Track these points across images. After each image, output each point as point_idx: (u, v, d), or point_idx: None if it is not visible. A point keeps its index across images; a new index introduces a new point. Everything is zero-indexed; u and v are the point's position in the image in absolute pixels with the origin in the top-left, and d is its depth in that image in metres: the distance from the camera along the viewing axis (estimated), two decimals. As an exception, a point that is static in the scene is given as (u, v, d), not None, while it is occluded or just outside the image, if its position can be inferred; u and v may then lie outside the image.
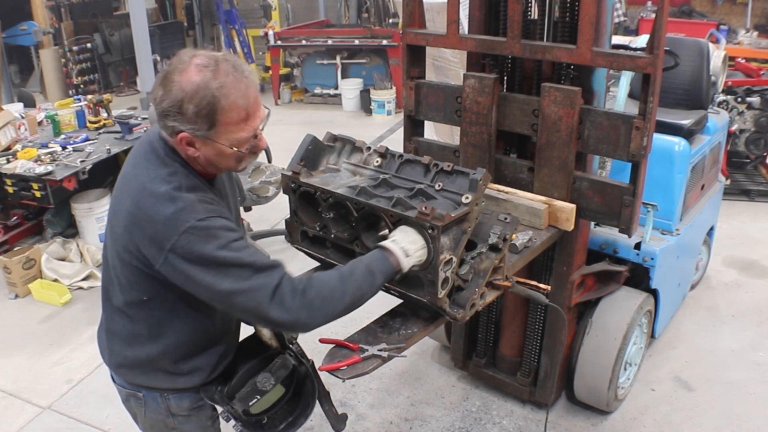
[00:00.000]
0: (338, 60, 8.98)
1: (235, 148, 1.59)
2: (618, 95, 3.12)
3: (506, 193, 2.57)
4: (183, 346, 1.79)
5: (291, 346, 1.83)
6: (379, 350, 1.87)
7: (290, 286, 1.58)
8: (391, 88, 8.50)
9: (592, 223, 2.97)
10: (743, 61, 6.33)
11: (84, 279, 4.48)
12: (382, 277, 1.69)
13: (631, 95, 3.15)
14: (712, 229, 4.07)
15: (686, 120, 3.30)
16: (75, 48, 9.33)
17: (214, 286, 1.55)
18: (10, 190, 4.36)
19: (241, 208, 4.30)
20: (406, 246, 1.73)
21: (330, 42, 8.86)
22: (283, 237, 4.83)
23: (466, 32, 2.76)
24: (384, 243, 1.74)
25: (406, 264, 1.72)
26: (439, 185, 1.91)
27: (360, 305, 1.71)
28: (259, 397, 1.75)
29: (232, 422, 1.83)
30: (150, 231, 1.56)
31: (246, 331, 1.94)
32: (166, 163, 1.63)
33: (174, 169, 1.62)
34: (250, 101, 1.56)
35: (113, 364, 1.88)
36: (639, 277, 3.12)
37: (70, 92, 9.01)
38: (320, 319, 1.62)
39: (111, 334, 1.85)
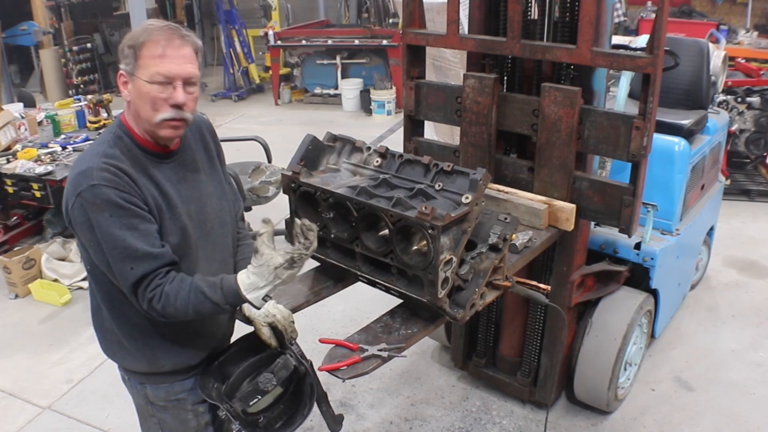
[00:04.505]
0: (338, 60, 8.99)
1: (146, 80, 1.65)
2: (618, 95, 3.12)
3: (506, 193, 2.56)
4: (135, 320, 1.81)
5: (291, 346, 1.83)
6: (379, 350, 1.87)
7: (147, 287, 1.65)
8: (391, 88, 8.50)
9: (592, 223, 2.97)
10: (743, 61, 6.34)
11: (84, 279, 4.47)
12: (230, 307, 1.72)
13: (631, 95, 3.15)
14: (712, 229, 4.07)
15: (686, 120, 3.30)
16: (75, 48, 9.33)
17: (95, 253, 1.68)
18: (10, 190, 4.37)
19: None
20: (255, 284, 1.68)
21: (330, 42, 8.86)
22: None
23: (466, 32, 2.76)
24: (240, 276, 1.69)
25: (250, 299, 1.69)
26: (439, 185, 1.91)
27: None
28: (260, 397, 1.75)
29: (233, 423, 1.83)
30: (65, 193, 1.71)
31: (244, 329, 1.93)
32: (106, 139, 1.75)
33: (106, 140, 1.74)
34: (171, 44, 1.67)
35: (99, 342, 1.94)
36: (639, 277, 3.12)
37: (70, 92, 8.99)
38: (168, 318, 1.71)
39: (92, 314, 1.91)
